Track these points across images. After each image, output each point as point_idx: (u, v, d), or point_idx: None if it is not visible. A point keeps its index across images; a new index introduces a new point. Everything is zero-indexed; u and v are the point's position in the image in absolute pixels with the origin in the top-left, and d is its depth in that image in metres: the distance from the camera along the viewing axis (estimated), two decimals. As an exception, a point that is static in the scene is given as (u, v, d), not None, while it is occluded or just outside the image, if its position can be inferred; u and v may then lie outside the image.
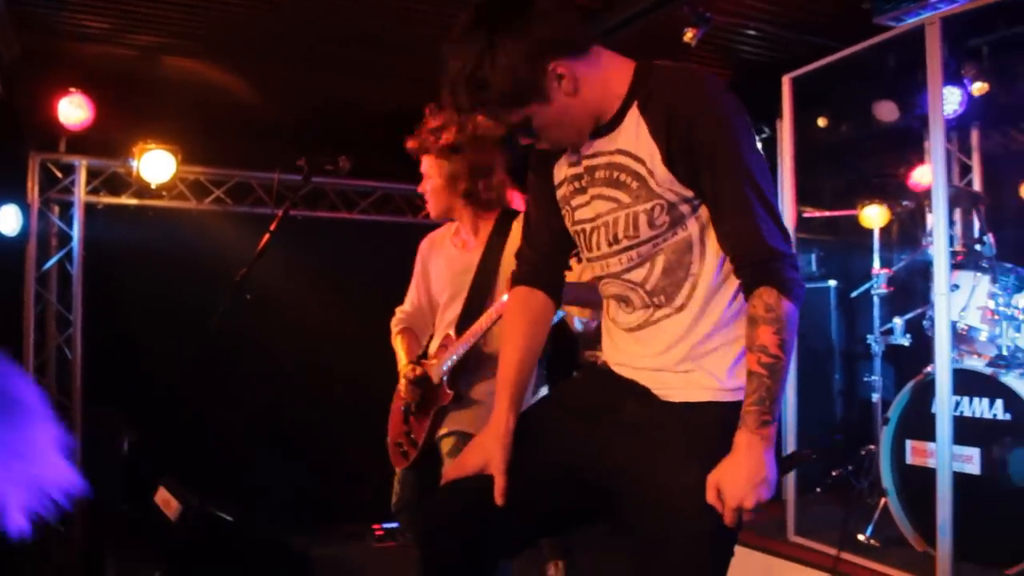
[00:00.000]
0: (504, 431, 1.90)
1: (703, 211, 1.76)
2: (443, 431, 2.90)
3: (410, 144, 2.99)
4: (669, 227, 1.75)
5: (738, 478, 1.61)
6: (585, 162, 1.84)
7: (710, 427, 1.74)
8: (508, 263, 2.81)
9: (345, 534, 5.52)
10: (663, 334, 1.82)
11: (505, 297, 2.64)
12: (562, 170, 1.93)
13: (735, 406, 1.72)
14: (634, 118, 1.75)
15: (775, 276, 1.68)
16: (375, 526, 5.50)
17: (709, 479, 1.65)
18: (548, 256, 2.04)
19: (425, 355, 3.07)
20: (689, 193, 1.73)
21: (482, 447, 1.91)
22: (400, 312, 3.21)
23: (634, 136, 1.75)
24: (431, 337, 3.11)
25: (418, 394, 2.95)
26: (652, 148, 1.73)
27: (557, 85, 1.70)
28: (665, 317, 1.82)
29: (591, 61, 1.74)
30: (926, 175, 5.11)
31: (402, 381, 3.01)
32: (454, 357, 2.86)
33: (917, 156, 5.32)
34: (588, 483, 1.88)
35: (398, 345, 3.13)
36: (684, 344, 1.80)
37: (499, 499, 1.83)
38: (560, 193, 1.94)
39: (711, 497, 1.64)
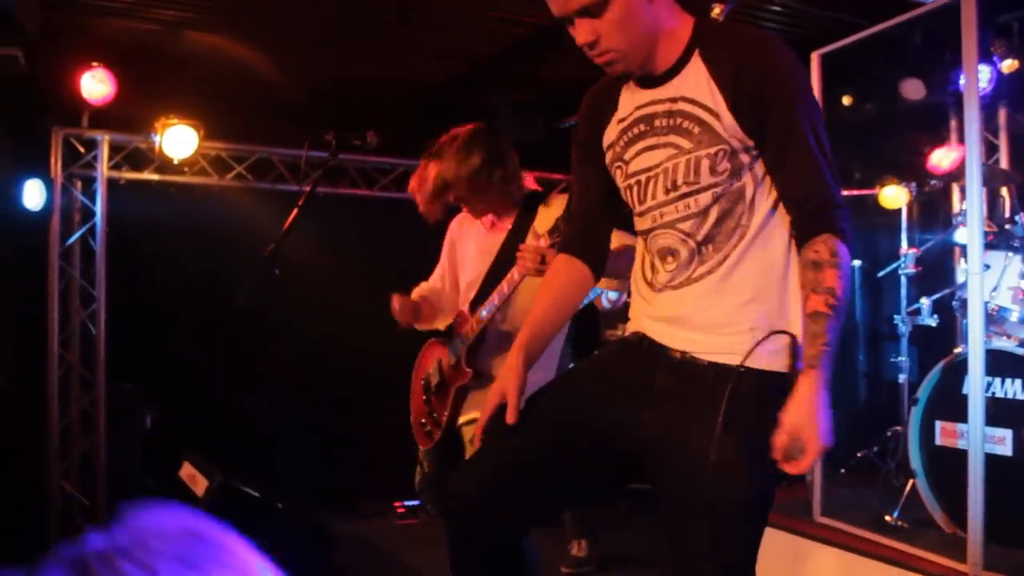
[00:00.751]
0: (515, 365, 1.96)
1: (759, 167, 1.79)
2: (465, 418, 2.89)
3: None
4: (729, 176, 1.77)
5: (818, 421, 1.61)
6: (639, 112, 1.86)
7: (743, 397, 1.73)
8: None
9: (368, 511, 5.55)
10: (702, 290, 1.82)
11: (514, 273, 2.66)
12: (612, 132, 1.94)
13: (766, 376, 1.75)
14: (697, 66, 1.78)
15: (837, 225, 1.72)
16: (397, 504, 5.53)
17: (784, 424, 1.64)
18: (591, 227, 2.08)
19: (437, 332, 3.06)
20: (751, 142, 1.76)
21: (499, 384, 1.97)
22: (423, 284, 3.21)
23: (698, 83, 1.78)
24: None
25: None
26: (718, 96, 1.75)
27: None
28: (708, 273, 1.82)
29: None
30: (945, 158, 5.07)
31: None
32: (471, 333, 2.86)
33: (943, 135, 5.27)
34: (617, 450, 1.89)
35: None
36: (722, 301, 1.80)
37: (510, 418, 1.89)
38: (611, 155, 1.95)
39: (780, 443, 1.63)
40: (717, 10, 4.20)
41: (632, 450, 1.85)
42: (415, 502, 5.42)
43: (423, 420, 3.04)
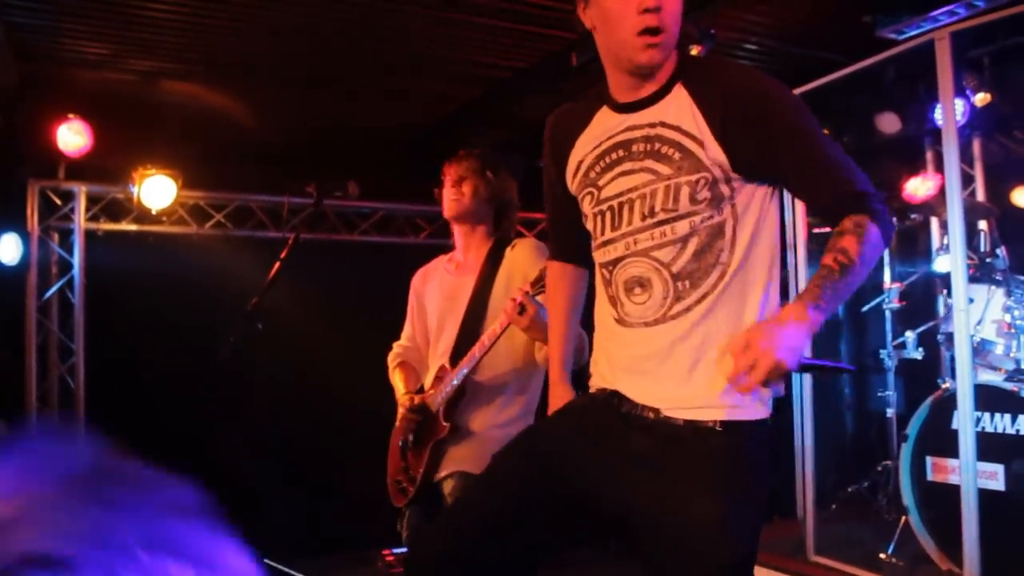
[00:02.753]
0: (564, 387, 2.12)
1: (739, 201, 1.76)
2: (443, 473, 2.83)
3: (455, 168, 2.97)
4: (708, 205, 1.74)
5: (774, 333, 1.55)
6: (617, 137, 1.84)
7: (720, 456, 1.71)
8: (500, 292, 2.81)
9: (356, 559, 5.45)
10: (678, 332, 1.76)
11: (496, 327, 2.65)
12: (581, 153, 1.92)
13: (745, 428, 1.72)
14: (680, 95, 1.78)
15: (868, 207, 1.70)
16: (385, 552, 5.44)
17: (747, 332, 1.59)
18: (571, 232, 2.06)
19: (422, 389, 3.02)
20: (734, 174, 1.73)
21: (558, 399, 2.11)
22: (397, 347, 3.16)
23: (680, 110, 1.77)
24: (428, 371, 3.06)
25: (415, 423, 2.90)
26: (703, 123, 1.73)
27: None
28: (685, 311, 1.76)
29: None
30: (921, 187, 5.12)
31: (400, 411, 2.97)
32: (450, 387, 2.82)
33: (919, 167, 5.33)
34: (593, 510, 1.85)
35: (396, 379, 3.06)
36: (697, 348, 1.75)
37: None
38: (580, 181, 1.92)
39: (737, 349, 1.56)
40: (695, 51, 4.25)
41: (610, 512, 1.82)
42: (403, 549, 5.33)
43: (399, 478, 2.99)
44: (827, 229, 1.86)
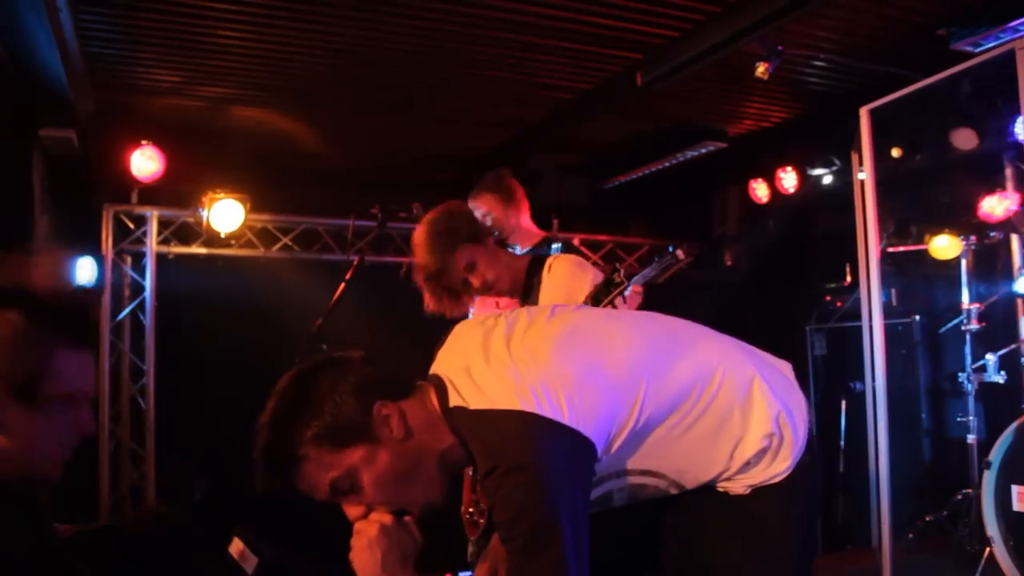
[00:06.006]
0: None
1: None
2: None
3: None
4: None
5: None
6: None
7: (740, 508, 1.67)
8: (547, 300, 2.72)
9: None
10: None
11: None
12: None
13: (761, 490, 1.66)
14: None
15: None
16: (448, 575, 5.40)
17: None
18: None
19: None
20: None
21: None
22: None
23: None
24: None
25: None
26: None
27: None
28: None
29: None
30: (998, 206, 4.94)
31: None
32: None
33: (997, 184, 5.14)
34: (643, 553, 1.84)
35: None
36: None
37: None
38: None
39: None
40: (762, 68, 4.17)
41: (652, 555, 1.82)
42: (468, 573, 5.29)
43: (471, 510, 2.97)
44: (901, 248, 1.77)
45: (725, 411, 1.62)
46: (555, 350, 1.56)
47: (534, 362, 1.53)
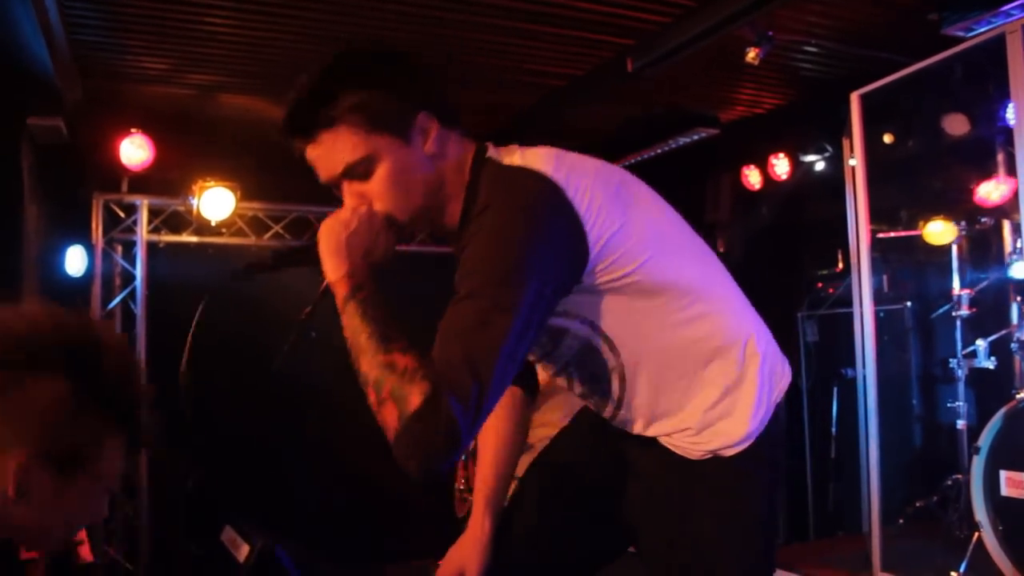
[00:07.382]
0: (481, 535, 1.81)
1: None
2: None
3: None
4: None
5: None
6: None
7: (714, 479, 1.62)
8: None
9: (411, 569, 5.44)
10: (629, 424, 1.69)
11: None
12: None
13: (735, 457, 1.61)
14: None
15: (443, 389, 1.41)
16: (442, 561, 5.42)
17: None
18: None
19: None
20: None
21: (458, 554, 1.83)
22: None
23: None
24: None
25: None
26: None
27: None
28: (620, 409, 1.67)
29: None
30: (994, 191, 4.93)
31: None
32: None
33: (989, 170, 5.13)
34: (612, 523, 1.81)
35: None
36: (651, 423, 1.65)
37: None
38: None
39: None
40: (752, 54, 4.17)
41: (624, 523, 1.79)
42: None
43: (460, 487, 2.97)
44: (891, 234, 1.75)
45: (708, 335, 1.58)
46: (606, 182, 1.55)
47: (585, 170, 1.52)
